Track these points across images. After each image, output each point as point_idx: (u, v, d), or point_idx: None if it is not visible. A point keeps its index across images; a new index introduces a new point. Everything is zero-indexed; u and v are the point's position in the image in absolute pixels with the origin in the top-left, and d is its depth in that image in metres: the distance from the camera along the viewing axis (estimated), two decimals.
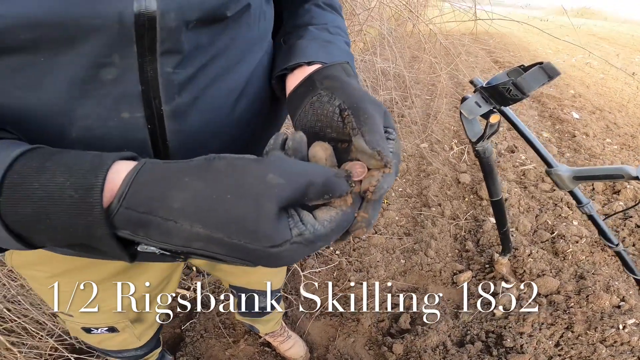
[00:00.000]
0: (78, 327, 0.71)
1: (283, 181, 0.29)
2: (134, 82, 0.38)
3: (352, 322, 1.46)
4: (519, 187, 2.27)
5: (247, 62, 0.48)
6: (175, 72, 0.39)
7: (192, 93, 0.42)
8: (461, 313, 1.52)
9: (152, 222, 0.29)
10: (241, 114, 0.49)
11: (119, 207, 0.29)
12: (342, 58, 0.49)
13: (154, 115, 0.41)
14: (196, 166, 0.31)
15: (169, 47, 0.38)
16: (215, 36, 0.42)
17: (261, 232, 0.28)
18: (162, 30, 0.36)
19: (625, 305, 1.51)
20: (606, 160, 2.63)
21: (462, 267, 1.72)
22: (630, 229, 1.97)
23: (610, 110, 3.79)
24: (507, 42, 6.17)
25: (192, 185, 0.29)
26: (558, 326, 1.43)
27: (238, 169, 0.30)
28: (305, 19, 0.56)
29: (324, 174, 0.31)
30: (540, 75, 0.89)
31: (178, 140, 0.43)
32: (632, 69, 6.15)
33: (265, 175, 0.29)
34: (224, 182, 0.29)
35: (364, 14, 1.93)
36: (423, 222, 1.95)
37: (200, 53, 0.41)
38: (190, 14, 0.37)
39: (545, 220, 1.98)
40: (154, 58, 0.37)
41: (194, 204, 0.29)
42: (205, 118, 0.45)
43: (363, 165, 0.36)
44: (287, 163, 0.31)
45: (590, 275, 1.64)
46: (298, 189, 0.30)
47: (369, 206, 0.35)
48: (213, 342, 1.38)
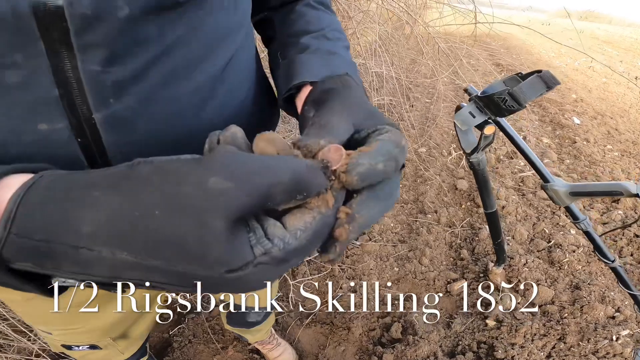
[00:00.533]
0: (58, 344, 0.69)
1: (231, 185, 0.22)
2: (48, 85, 0.31)
3: (343, 331, 1.45)
4: (517, 194, 2.25)
5: (215, 57, 0.40)
6: (106, 71, 0.32)
7: (136, 96, 0.35)
8: (458, 315, 1.50)
9: (57, 251, 0.23)
10: (210, 121, 0.42)
11: (5, 234, 0.23)
12: (344, 69, 0.44)
13: (83, 126, 0.34)
14: (112, 175, 0.25)
15: (90, 40, 0.31)
16: (167, 26, 0.35)
17: (210, 256, 0.22)
18: (74, 19, 0.29)
19: (619, 316, 1.49)
20: (606, 168, 2.61)
21: (456, 276, 1.70)
22: (628, 239, 1.95)
23: (612, 116, 3.77)
24: (509, 44, 6.14)
25: (104, 201, 0.23)
26: (550, 337, 1.42)
27: (169, 174, 0.23)
28: (300, 25, 0.51)
29: (291, 168, 0.24)
30: (538, 85, 0.83)
31: (123, 155, 0.36)
32: (635, 73, 6.12)
33: (207, 180, 0.22)
34: (149, 194, 0.23)
35: (357, 16, 1.91)
36: (418, 229, 1.93)
37: (146, 46, 0.34)
38: (113, 0, 0.30)
39: (543, 229, 1.96)
40: (71, 55, 0.31)
41: (110, 225, 0.23)
42: (159, 127, 0.37)
43: (339, 148, 0.27)
44: (238, 159, 0.24)
45: (586, 286, 1.62)
46: (256, 192, 0.23)
47: (357, 200, 0.28)
48: (201, 347, 1.37)
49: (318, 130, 0.30)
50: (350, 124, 0.32)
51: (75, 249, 0.23)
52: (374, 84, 2.16)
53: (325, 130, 0.30)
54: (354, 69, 0.47)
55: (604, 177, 2.50)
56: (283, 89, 0.45)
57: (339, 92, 0.38)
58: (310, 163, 0.26)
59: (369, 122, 0.33)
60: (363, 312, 1.49)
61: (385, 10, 2.25)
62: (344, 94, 0.37)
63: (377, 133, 0.31)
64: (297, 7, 0.52)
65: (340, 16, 1.94)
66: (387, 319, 1.49)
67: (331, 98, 0.37)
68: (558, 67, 5.92)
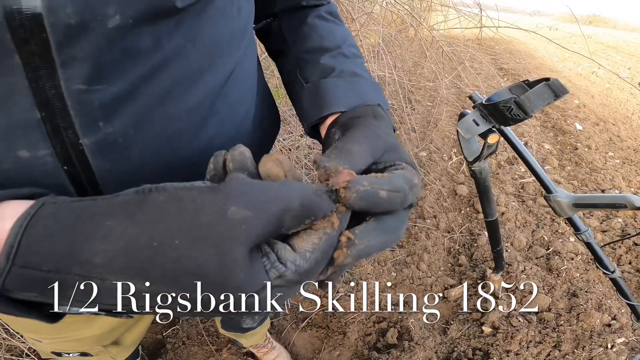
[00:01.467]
0: (47, 350, 0.68)
1: (250, 214, 0.23)
2: (27, 106, 0.28)
3: (339, 335, 1.44)
4: (517, 201, 2.24)
5: (215, 70, 0.37)
6: (93, 90, 0.29)
7: (130, 117, 0.32)
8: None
9: (67, 282, 0.23)
10: (210, 140, 0.39)
11: (8, 267, 0.23)
12: (372, 96, 0.43)
13: (69, 152, 0.30)
14: (124, 203, 0.24)
15: (74, 54, 0.27)
16: (163, 36, 0.31)
17: (230, 284, 0.22)
18: (56, 30, 0.26)
19: (616, 324, 1.49)
20: (607, 175, 2.60)
21: (454, 282, 1.69)
22: (627, 247, 1.95)
23: (614, 122, 3.75)
24: (513, 48, 6.10)
25: (118, 232, 0.23)
26: (546, 344, 1.41)
27: (186, 203, 0.23)
28: (314, 40, 0.49)
29: (300, 194, 0.24)
30: (546, 94, 0.80)
31: (115, 183, 0.33)
32: (638, 78, 6.10)
33: (226, 209, 0.23)
34: (167, 224, 0.23)
35: (361, 18, 1.90)
36: (417, 234, 1.92)
37: (140, 60, 0.31)
38: (105, 7, 0.27)
39: (542, 236, 1.95)
40: (53, 71, 0.27)
41: (126, 256, 0.22)
42: (154, 150, 0.34)
43: (351, 173, 0.28)
44: (252, 187, 0.24)
45: (583, 293, 1.62)
46: (272, 220, 0.23)
47: (361, 227, 0.27)
48: (195, 349, 1.36)
49: (338, 154, 0.30)
50: (370, 156, 0.32)
51: (85, 279, 0.23)
52: None
53: (345, 155, 0.30)
54: (379, 92, 0.46)
55: (605, 185, 2.49)
56: (312, 118, 0.43)
57: (367, 122, 0.37)
58: (317, 188, 0.26)
59: (388, 156, 0.33)
60: (359, 317, 1.49)
61: (390, 13, 2.24)
62: (372, 124, 0.37)
63: (393, 168, 0.32)
64: (308, 19, 0.50)
65: (344, 17, 1.93)
66: (383, 324, 1.49)
67: (358, 125, 0.36)
68: (561, 72, 5.90)
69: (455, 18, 2.71)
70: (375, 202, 0.27)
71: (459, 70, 2.37)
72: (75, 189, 0.33)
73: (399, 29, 2.73)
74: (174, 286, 0.23)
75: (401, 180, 0.29)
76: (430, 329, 1.49)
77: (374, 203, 0.27)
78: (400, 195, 0.28)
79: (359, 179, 0.27)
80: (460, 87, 3.69)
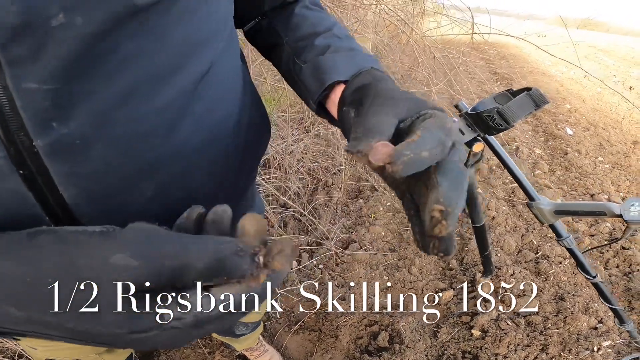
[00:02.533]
0: (42, 358, 0.69)
1: (136, 263, 0.23)
2: None
3: (331, 338, 1.47)
4: (507, 205, 2.28)
5: (187, 69, 0.36)
6: (44, 89, 0.28)
7: (87, 117, 0.30)
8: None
9: None
10: (185, 142, 0.38)
11: None
12: (368, 63, 0.45)
13: (23, 155, 0.29)
14: (11, 242, 0.25)
15: (21, 53, 0.26)
16: (123, 36, 0.30)
17: (106, 320, 0.23)
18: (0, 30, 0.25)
19: (602, 327, 1.52)
20: (596, 180, 2.64)
21: (444, 286, 1.72)
22: (615, 251, 1.99)
23: (604, 127, 3.81)
24: (507, 52, 6.19)
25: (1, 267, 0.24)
26: (533, 347, 1.44)
27: (71, 246, 0.24)
28: (306, 28, 0.51)
29: (213, 255, 0.24)
30: (527, 104, 0.81)
31: (77, 187, 0.32)
32: (629, 82, 6.18)
33: (111, 256, 0.23)
34: (47, 262, 0.24)
35: (354, 25, 1.92)
36: (409, 239, 1.95)
37: (97, 60, 0.30)
38: (48, 7, 0.26)
39: (531, 240, 1.99)
40: (0, 71, 0.27)
41: (4, 286, 0.24)
42: (119, 153, 0.33)
43: (386, 144, 0.29)
44: (152, 239, 0.25)
45: (570, 297, 1.65)
46: (163, 274, 0.24)
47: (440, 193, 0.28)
48: (188, 352, 1.38)
49: (364, 131, 0.31)
50: (393, 118, 0.33)
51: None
52: None
53: (372, 131, 0.31)
54: (376, 61, 0.47)
55: (594, 189, 2.53)
56: (315, 92, 0.45)
57: (373, 87, 0.38)
58: (240, 248, 0.25)
59: (412, 109, 0.34)
60: (351, 320, 1.52)
61: (382, 19, 2.28)
62: (378, 88, 0.38)
63: (420, 119, 0.32)
64: (295, 10, 0.52)
65: None
66: (375, 327, 1.52)
67: (367, 95, 0.37)
68: (554, 76, 5.97)
69: (448, 24, 2.75)
70: (421, 164, 0.28)
71: (452, 76, 2.40)
72: (34, 194, 0.31)
73: (391, 35, 2.76)
74: (52, 316, 0.24)
75: (436, 132, 0.29)
76: (421, 332, 1.52)
77: (420, 166, 0.28)
78: (440, 147, 0.29)
79: (399, 149, 0.28)
80: (454, 92, 3.74)
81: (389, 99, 0.35)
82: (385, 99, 0.35)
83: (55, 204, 0.32)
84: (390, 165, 0.27)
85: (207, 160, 0.42)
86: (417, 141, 0.28)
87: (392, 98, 0.35)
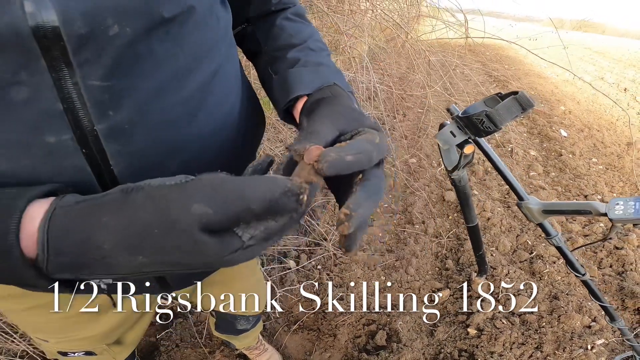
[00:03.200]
0: (54, 350, 0.72)
1: (210, 211, 0.28)
2: (52, 100, 0.34)
3: (329, 337, 1.49)
4: (502, 206, 2.32)
5: (201, 69, 0.44)
6: (104, 85, 0.35)
7: (132, 107, 0.38)
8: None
9: (90, 263, 0.29)
10: (201, 128, 0.45)
11: (46, 256, 0.29)
12: (332, 79, 0.50)
13: (87, 137, 0.37)
14: (112, 202, 0.30)
15: (87, 57, 0.34)
16: (155, 42, 0.38)
17: (207, 254, 0.28)
18: (71, 39, 0.32)
19: (595, 326, 1.55)
20: (590, 181, 2.68)
21: (440, 285, 1.75)
22: (608, 251, 2.02)
23: (598, 129, 3.86)
24: (502, 54, 6.24)
25: (113, 225, 0.29)
26: (528, 346, 1.47)
27: (158, 201, 0.29)
28: (283, 39, 0.56)
29: (263, 195, 0.29)
30: (514, 107, 0.85)
31: (124, 163, 0.40)
32: (624, 84, 6.24)
33: (190, 206, 0.28)
34: (146, 218, 0.29)
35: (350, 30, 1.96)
36: (406, 239, 1.98)
37: (137, 61, 0.37)
38: (104, 19, 0.33)
39: (525, 241, 2.02)
40: (72, 71, 0.34)
41: (125, 241, 0.29)
42: (155, 135, 0.41)
43: (318, 148, 0.33)
44: (217, 186, 0.29)
45: (564, 296, 1.68)
46: (230, 216, 0.29)
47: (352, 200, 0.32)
48: (188, 352, 1.40)
49: (306, 135, 0.36)
50: (334, 129, 0.38)
51: (102, 259, 0.29)
52: (365, 96, 2.22)
53: (311, 135, 0.36)
54: (341, 77, 0.52)
55: (588, 190, 2.57)
56: (281, 103, 0.50)
57: (328, 101, 0.43)
58: (288, 189, 0.30)
59: (352, 125, 0.39)
60: (349, 320, 1.54)
61: (379, 24, 2.31)
62: (332, 102, 0.43)
63: (357, 134, 0.37)
64: (276, 21, 0.57)
65: (333, 30, 1.99)
66: (373, 327, 1.54)
67: (320, 107, 0.42)
68: (549, 78, 6.03)
69: (443, 28, 2.79)
70: (344, 166, 0.32)
71: (447, 79, 2.44)
72: (91, 168, 0.38)
73: (387, 39, 2.80)
74: (167, 256, 0.29)
75: (364, 143, 0.35)
76: (418, 331, 1.54)
77: (343, 168, 0.32)
78: (364, 156, 0.34)
79: (326, 151, 0.32)
80: (450, 95, 3.78)
81: (335, 112, 0.40)
82: (332, 112, 0.41)
83: (107, 177, 0.39)
84: (317, 163, 0.32)
85: (218, 143, 0.49)
86: (344, 147, 0.33)
87: (337, 112, 0.40)
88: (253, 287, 0.96)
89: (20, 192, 0.31)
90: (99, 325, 0.68)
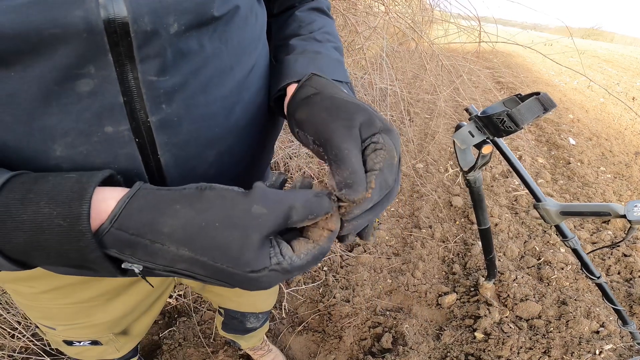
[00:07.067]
0: (59, 339, 0.71)
1: (266, 211, 0.32)
2: (115, 93, 0.36)
3: (334, 339, 1.48)
4: (510, 212, 2.30)
5: (241, 66, 0.46)
6: (159, 80, 0.37)
7: (182, 101, 0.40)
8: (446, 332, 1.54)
9: (140, 243, 0.31)
10: (237, 122, 0.47)
11: (109, 227, 0.31)
12: (330, 68, 0.50)
13: (140, 128, 0.39)
14: (188, 195, 0.33)
15: (148, 53, 0.36)
16: (205, 40, 0.40)
17: (244, 259, 0.31)
18: (137, 35, 0.34)
19: (604, 331, 1.53)
20: (598, 189, 2.66)
21: (447, 289, 1.74)
22: (616, 258, 2.00)
23: (607, 137, 3.83)
24: (511, 61, 6.22)
25: (182, 213, 0.31)
26: (536, 350, 1.46)
27: (227, 200, 0.32)
28: (292, 28, 0.56)
29: (302, 197, 0.33)
30: (536, 107, 0.85)
31: (170, 153, 0.42)
32: (632, 93, 6.21)
33: (251, 207, 0.32)
34: (213, 212, 0.31)
35: (366, 32, 1.96)
36: (412, 243, 1.97)
37: (189, 58, 0.39)
38: (167, 17, 0.35)
39: (533, 247, 2.01)
40: (133, 66, 0.36)
41: (183, 229, 0.31)
42: (198, 128, 0.43)
43: (337, 221, 0.36)
44: (268, 193, 0.33)
45: (573, 301, 1.66)
46: (280, 214, 0.32)
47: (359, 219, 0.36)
48: (191, 351, 1.39)
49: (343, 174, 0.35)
50: (359, 152, 0.36)
51: (152, 243, 0.31)
52: (377, 97, 2.22)
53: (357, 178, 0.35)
54: (339, 67, 0.52)
55: (596, 199, 2.55)
56: (273, 91, 0.51)
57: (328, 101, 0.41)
58: (317, 192, 0.34)
59: (365, 130, 0.38)
60: (355, 322, 1.53)
61: (392, 26, 2.31)
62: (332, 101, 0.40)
63: (371, 149, 0.37)
64: (295, 12, 0.58)
65: (348, 31, 1.99)
66: (378, 329, 1.53)
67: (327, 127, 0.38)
68: (557, 86, 6.00)
69: (455, 33, 2.79)
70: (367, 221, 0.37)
71: (457, 84, 2.43)
72: (141, 157, 0.40)
73: (400, 42, 2.79)
74: (207, 255, 0.31)
75: (390, 165, 0.36)
76: (424, 334, 1.53)
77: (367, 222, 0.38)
78: (384, 190, 0.36)
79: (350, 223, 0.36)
80: (458, 100, 3.77)
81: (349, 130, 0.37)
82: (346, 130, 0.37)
83: (154, 165, 0.42)
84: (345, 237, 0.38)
85: (250, 136, 0.51)
86: (366, 202, 0.35)
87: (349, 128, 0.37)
88: (259, 300, 0.95)
89: (86, 178, 0.33)
90: (109, 313, 0.67)
